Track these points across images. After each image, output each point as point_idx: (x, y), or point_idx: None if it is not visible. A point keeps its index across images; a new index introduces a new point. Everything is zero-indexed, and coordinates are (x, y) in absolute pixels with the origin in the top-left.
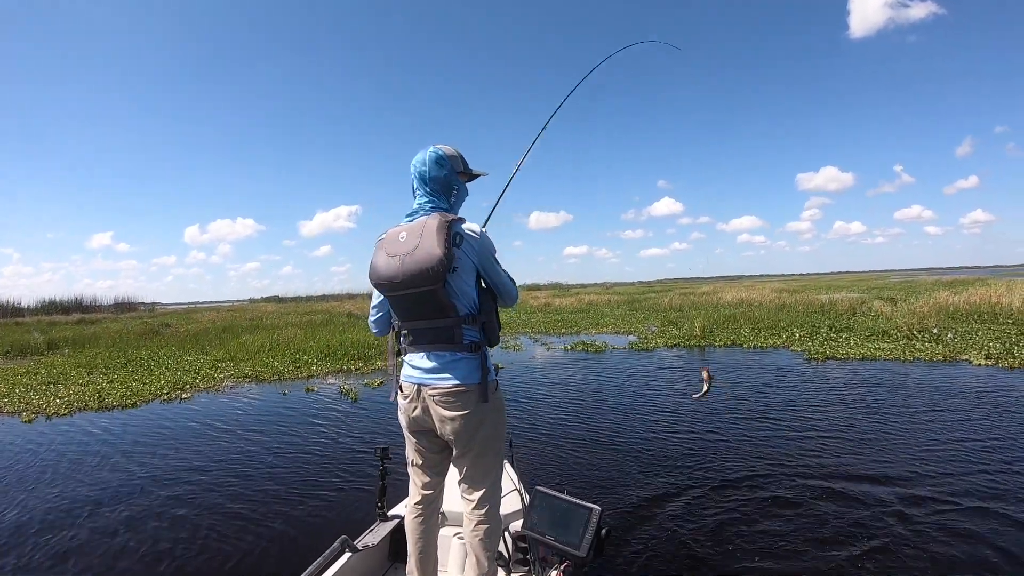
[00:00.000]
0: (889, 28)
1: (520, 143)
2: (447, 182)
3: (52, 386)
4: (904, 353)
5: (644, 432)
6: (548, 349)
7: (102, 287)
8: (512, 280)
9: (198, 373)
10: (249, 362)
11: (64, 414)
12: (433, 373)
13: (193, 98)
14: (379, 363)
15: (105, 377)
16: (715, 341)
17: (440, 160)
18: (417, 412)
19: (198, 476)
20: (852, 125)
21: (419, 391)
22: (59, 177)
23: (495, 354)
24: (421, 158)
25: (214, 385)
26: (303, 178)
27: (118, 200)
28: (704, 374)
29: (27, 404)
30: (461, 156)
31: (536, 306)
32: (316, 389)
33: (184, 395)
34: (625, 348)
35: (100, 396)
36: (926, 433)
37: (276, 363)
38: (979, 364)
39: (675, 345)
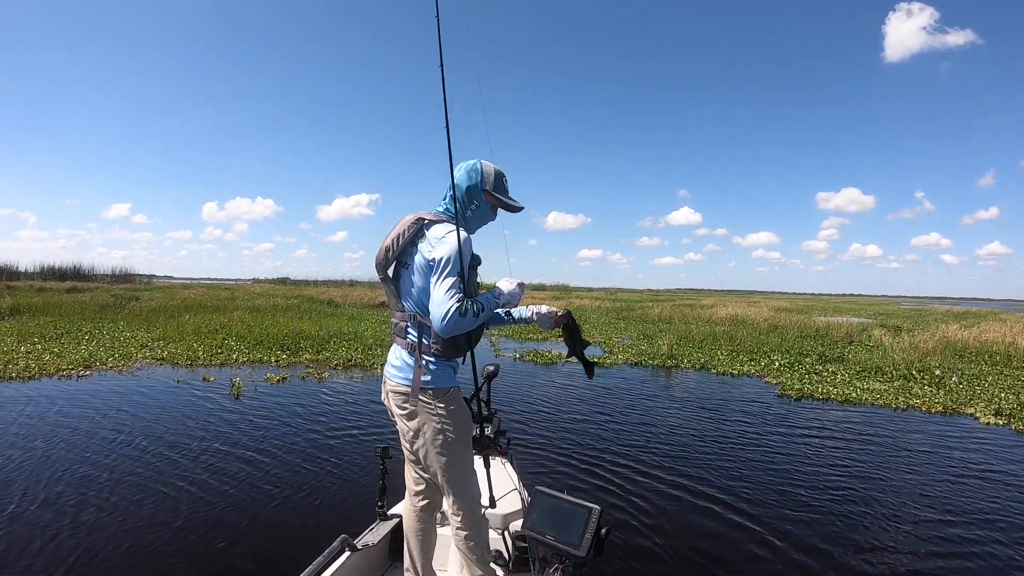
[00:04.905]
0: (924, 53)
1: (538, 143)
2: (468, 193)
3: None
4: (897, 398)
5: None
6: (496, 355)
7: (116, 257)
8: (447, 301)
9: (119, 350)
10: (180, 343)
11: None
12: (389, 367)
13: (223, 77)
14: (306, 356)
15: (30, 347)
16: (684, 362)
17: (471, 171)
18: (387, 403)
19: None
20: (878, 148)
21: (385, 383)
22: (84, 146)
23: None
24: (460, 165)
25: (123, 365)
26: (325, 163)
27: (139, 172)
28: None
29: None
30: (500, 177)
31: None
32: (212, 379)
33: (84, 373)
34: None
35: (5, 366)
36: (896, 530)
37: (199, 347)
38: (986, 422)
39: (637, 363)
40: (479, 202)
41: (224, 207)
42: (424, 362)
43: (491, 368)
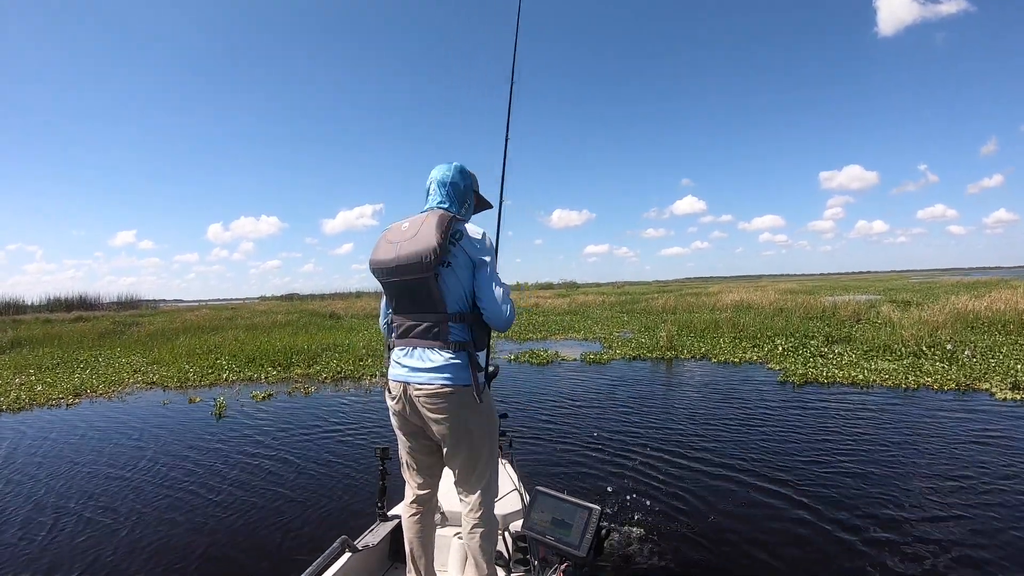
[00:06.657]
0: (917, 25)
1: (540, 146)
2: (464, 193)
3: None
4: (906, 377)
5: None
6: (493, 355)
7: (123, 284)
8: (507, 298)
9: (111, 377)
10: (172, 366)
11: None
12: (419, 372)
13: (220, 98)
14: (296, 371)
15: (25, 378)
16: (683, 353)
17: (464, 172)
18: (405, 411)
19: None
20: (877, 123)
21: (405, 390)
22: (86, 175)
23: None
24: (446, 166)
25: (113, 391)
26: (328, 177)
27: (143, 198)
28: None
29: None
30: (477, 180)
31: (524, 306)
32: (199, 400)
33: (74, 401)
34: (576, 360)
35: None
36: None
37: (190, 368)
38: (1003, 398)
39: (635, 357)
40: (470, 202)
41: (229, 227)
42: (477, 360)
43: (491, 368)
